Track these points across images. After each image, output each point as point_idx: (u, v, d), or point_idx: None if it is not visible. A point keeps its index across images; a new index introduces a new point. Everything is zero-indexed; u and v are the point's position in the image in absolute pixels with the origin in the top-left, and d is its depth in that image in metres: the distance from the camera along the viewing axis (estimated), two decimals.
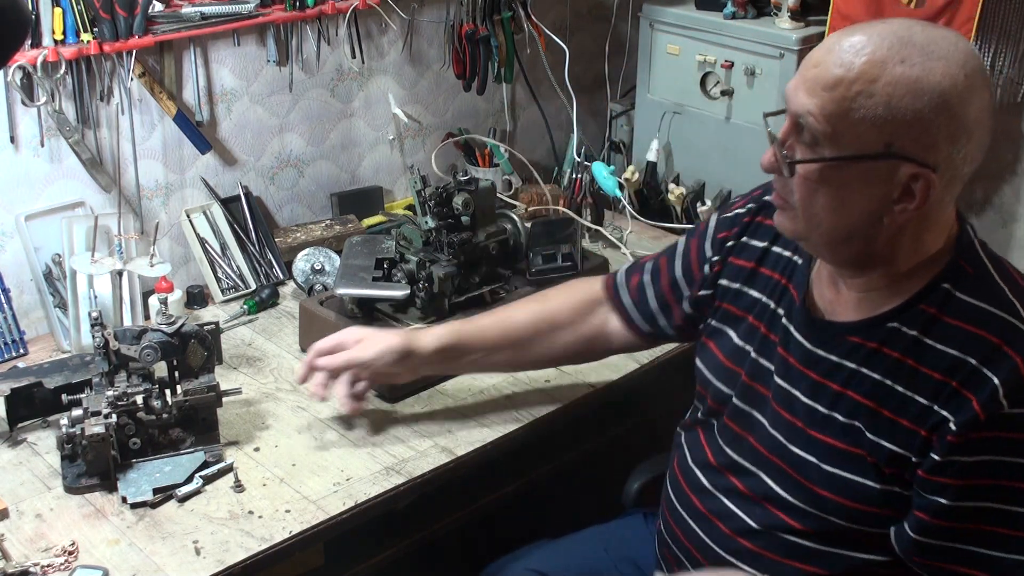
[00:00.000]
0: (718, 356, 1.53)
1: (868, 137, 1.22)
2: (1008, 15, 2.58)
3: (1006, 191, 2.77)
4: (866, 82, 1.20)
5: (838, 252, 1.33)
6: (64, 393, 1.73)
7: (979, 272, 1.30)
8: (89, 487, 1.65)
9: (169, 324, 1.70)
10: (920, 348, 1.29)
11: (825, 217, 1.28)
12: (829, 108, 1.22)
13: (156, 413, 1.70)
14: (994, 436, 1.23)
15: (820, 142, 1.24)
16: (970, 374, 1.24)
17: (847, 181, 1.25)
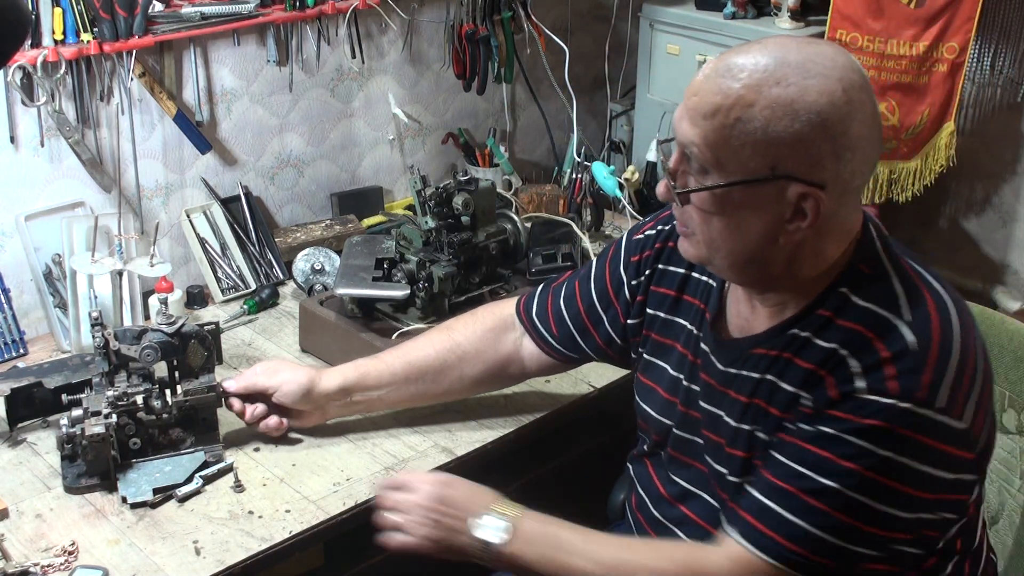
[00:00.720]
0: (656, 390, 1.54)
1: (752, 162, 1.23)
2: (1008, 15, 2.58)
3: (1006, 191, 2.77)
4: (743, 107, 1.21)
5: (742, 274, 1.34)
6: (64, 393, 1.73)
7: (876, 273, 1.30)
8: (89, 487, 1.64)
9: (169, 324, 1.70)
10: (807, 346, 1.30)
11: (723, 242, 1.29)
12: (711, 137, 1.23)
13: (156, 413, 1.70)
14: (840, 416, 1.24)
15: (708, 170, 1.25)
16: (837, 363, 1.26)
17: (739, 206, 1.26)
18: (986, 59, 2.63)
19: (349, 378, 1.74)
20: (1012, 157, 2.74)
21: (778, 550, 1.27)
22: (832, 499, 1.24)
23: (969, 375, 1.25)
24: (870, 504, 1.24)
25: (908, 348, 1.23)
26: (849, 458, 1.23)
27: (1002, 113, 2.69)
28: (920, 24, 2.44)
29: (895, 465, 1.22)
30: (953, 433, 1.23)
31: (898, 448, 1.22)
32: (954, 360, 1.23)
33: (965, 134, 2.68)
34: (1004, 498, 1.63)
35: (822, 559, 1.26)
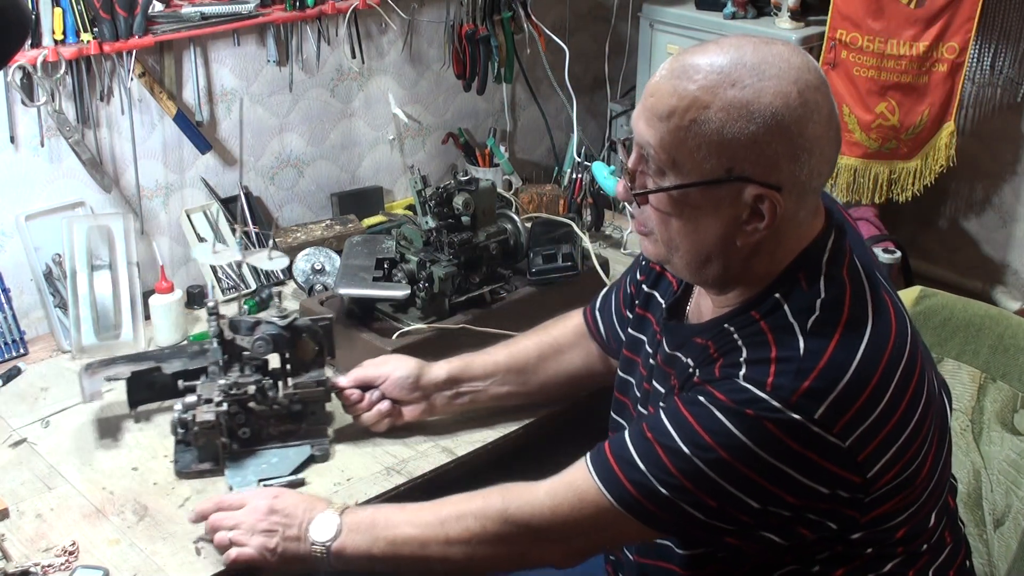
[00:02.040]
0: (636, 361, 1.55)
1: (708, 163, 1.23)
2: (1008, 15, 2.59)
3: (1006, 191, 2.78)
4: (699, 109, 1.22)
5: (699, 274, 1.35)
6: (181, 379, 1.77)
7: (809, 284, 1.30)
8: (199, 472, 1.67)
9: (282, 317, 1.72)
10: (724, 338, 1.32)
11: (681, 242, 1.31)
12: (667, 139, 1.24)
13: (266, 404, 1.73)
14: (717, 394, 1.25)
15: (664, 171, 1.26)
16: (730, 348, 1.29)
17: (696, 206, 1.27)
18: (986, 59, 2.63)
19: (455, 368, 1.77)
20: (1012, 157, 2.74)
21: (615, 485, 1.31)
22: (682, 463, 1.27)
23: (864, 401, 1.23)
24: (718, 481, 1.26)
25: (795, 355, 1.24)
26: (710, 432, 1.25)
27: (1002, 113, 2.69)
28: (920, 24, 2.44)
29: (754, 456, 1.23)
30: (827, 446, 1.23)
31: (761, 442, 1.23)
32: (846, 380, 1.22)
33: (965, 134, 2.69)
34: (1011, 500, 1.63)
35: (654, 508, 1.29)
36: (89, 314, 2.01)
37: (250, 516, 1.48)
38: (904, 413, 1.27)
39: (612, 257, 2.37)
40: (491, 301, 2.03)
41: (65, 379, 1.96)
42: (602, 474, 1.33)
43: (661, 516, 1.30)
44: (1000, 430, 1.65)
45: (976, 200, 2.83)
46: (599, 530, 1.35)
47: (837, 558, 1.34)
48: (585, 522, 1.34)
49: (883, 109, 2.54)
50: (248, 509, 1.50)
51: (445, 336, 1.93)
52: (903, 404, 1.27)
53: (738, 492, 1.26)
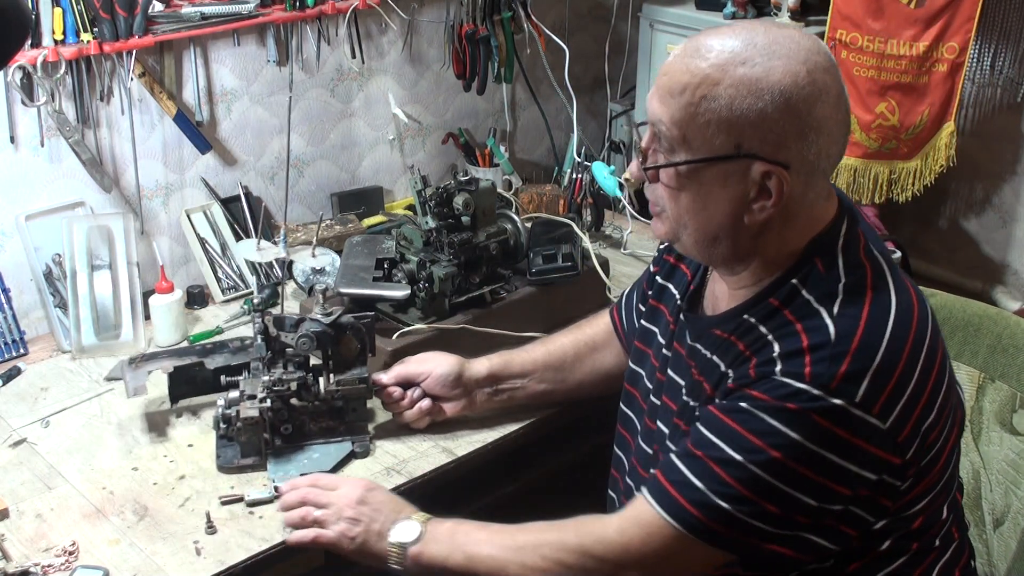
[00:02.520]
0: (647, 353, 1.58)
1: (717, 139, 1.26)
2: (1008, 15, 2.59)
3: (1006, 191, 2.78)
4: (709, 86, 1.25)
5: (707, 252, 1.36)
6: (223, 375, 1.78)
7: (827, 269, 1.32)
8: (241, 468, 1.69)
9: (326, 315, 1.73)
10: (750, 332, 1.33)
11: (691, 219, 1.32)
12: (678, 115, 1.27)
13: (309, 400, 1.74)
14: (758, 395, 1.26)
15: (675, 148, 1.29)
16: (762, 346, 1.29)
17: (705, 183, 1.29)
18: (986, 59, 2.63)
19: (495, 365, 1.79)
20: (1012, 157, 2.74)
21: (677, 509, 1.30)
22: (737, 471, 1.27)
23: (898, 377, 1.25)
24: (775, 484, 1.26)
25: (827, 340, 1.25)
26: (759, 435, 1.25)
27: (1002, 113, 2.69)
28: (920, 24, 2.44)
29: (805, 451, 1.24)
30: (872, 430, 1.24)
31: (810, 435, 1.24)
32: (879, 359, 1.24)
33: (965, 134, 2.69)
34: (1010, 500, 1.63)
35: (718, 526, 1.29)
36: (89, 314, 2.02)
37: (340, 500, 1.50)
38: (932, 390, 1.30)
39: (612, 257, 2.37)
40: (491, 301, 2.03)
41: (65, 379, 1.96)
42: (662, 501, 1.32)
43: (725, 534, 1.29)
44: (999, 430, 1.65)
45: (976, 200, 2.83)
46: (670, 559, 1.33)
47: (852, 553, 1.34)
48: (656, 554, 1.33)
49: (883, 109, 2.54)
50: (340, 494, 1.51)
51: (445, 336, 1.93)
52: (931, 381, 1.29)
53: (794, 491, 1.26)
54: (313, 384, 1.75)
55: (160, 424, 1.82)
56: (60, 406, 1.87)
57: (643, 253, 2.46)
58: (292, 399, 1.73)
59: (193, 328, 2.13)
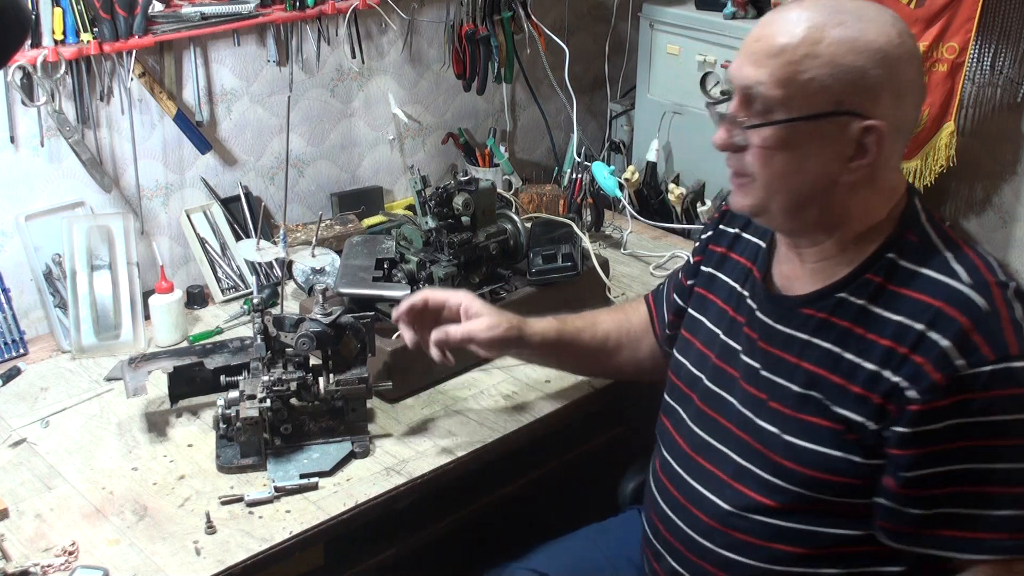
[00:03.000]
0: (693, 342, 1.58)
1: (818, 97, 1.27)
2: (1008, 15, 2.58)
3: (1006, 191, 2.77)
4: (810, 45, 1.27)
5: (796, 219, 1.36)
6: (223, 375, 1.78)
7: (923, 241, 1.33)
8: (241, 468, 1.69)
9: (326, 315, 1.73)
10: (867, 316, 1.32)
11: (783, 183, 1.32)
12: (778, 74, 1.28)
13: (308, 400, 1.74)
14: (959, 400, 1.25)
15: (773, 108, 1.29)
16: (918, 339, 1.27)
17: (802, 143, 1.30)
18: (986, 59, 2.63)
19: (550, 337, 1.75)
20: (1012, 157, 2.74)
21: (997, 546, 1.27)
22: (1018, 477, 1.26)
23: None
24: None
25: (982, 312, 1.26)
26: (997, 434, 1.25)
27: (1002, 113, 2.69)
28: (920, 24, 2.44)
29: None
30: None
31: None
32: (1019, 309, 1.27)
33: (965, 134, 2.68)
34: None
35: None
36: (89, 314, 2.02)
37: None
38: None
39: (612, 257, 2.37)
40: (491, 301, 2.02)
41: (65, 379, 1.96)
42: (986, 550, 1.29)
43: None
44: None
45: (976, 200, 2.82)
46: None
47: None
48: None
49: None
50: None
51: None
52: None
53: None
54: (313, 384, 1.76)
55: (160, 424, 1.82)
56: (60, 406, 1.87)
57: (643, 253, 2.46)
58: (292, 399, 1.73)
59: (193, 328, 2.13)
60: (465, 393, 1.91)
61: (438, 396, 1.91)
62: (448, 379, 1.94)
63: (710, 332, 1.54)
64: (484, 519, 1.94)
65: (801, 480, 1.36)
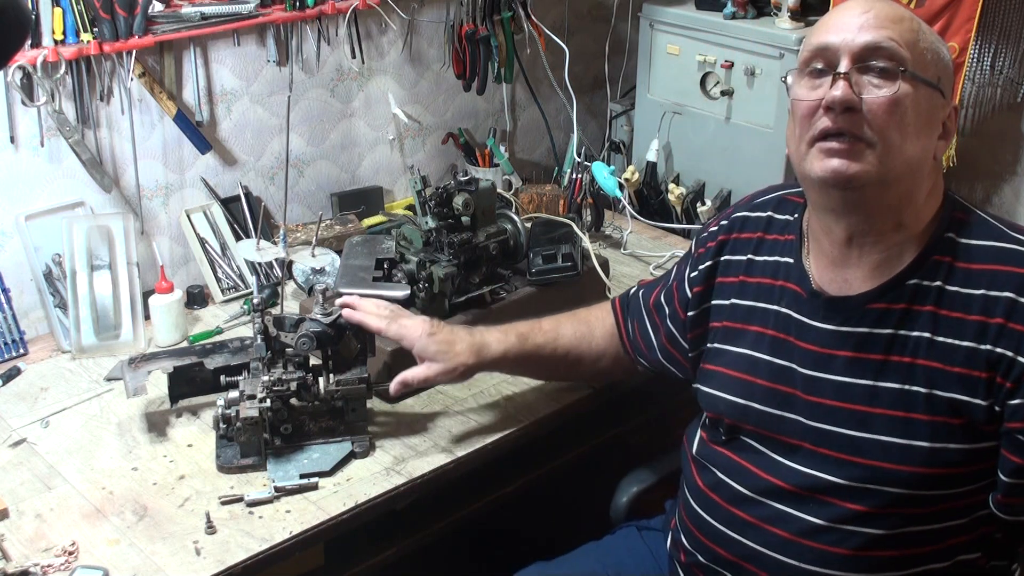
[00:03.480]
0: (726, 373, 1.53)
1: (930, 69, 1.32)
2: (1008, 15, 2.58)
3: (1006, 191, 2.77)
4: (919, 21, 1.34)
5: (889, 192, 1.34)
6: (223, 375, 1.78)
7: (972, 218, 1.37)
8: (241, 468, 1.69)
9: (326, 315, 1.73)
10: (947, 296, 1.33)
11: (905, 145, 1.31)
12: (905, 36, 1.31)
13: (308, 401, 1.75)
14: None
15: (906, 67, 1.29)
16: (1010, 308, 1.29)
17: (924, 107, 1.32)
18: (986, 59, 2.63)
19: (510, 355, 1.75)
20: (1012, 157, 2.74)
21: None
22: None
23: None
24: None
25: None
26: None
27: (1002, 113, 2.69)
28: None
29: None
30: None
31: None
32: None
33: (965, 134, 2.68)
34: None
35: None
36: (89, 314, 2.02)
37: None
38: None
39: (612, 257, 2.37)
40: (491, 301, 2.03)
41: (65, 379, 1.96)
42: None
43: None
44: None
45: (976, 200, 2.82)
46: None
47: None
48: None
49: None
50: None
51: None
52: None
53: None
54: (313, 384, 1.76)
55: (160, 424, 1.82)
56: (60, 406, 1.87)
57: (643, 253, 2.46)
58: (292, 399, 1.73)
59: (193, 328, 2.14)
60: (465, 393, 1.91)
61: (438, 396, 1.91)
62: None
63: (748, 358, 1.49)
64: (484, 519, 1.94)
65: (900, 480, 1.35)
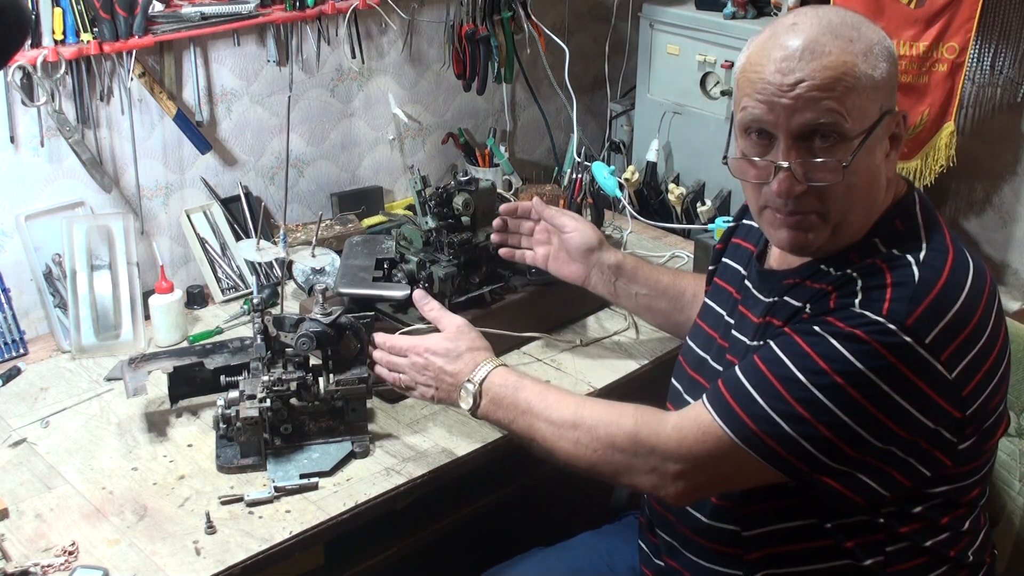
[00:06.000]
0: (702, 327, 1.61)
1: (870, 109, 1.31)
2: (1008, 15, 2.58)
3: (1006, 191, 2.77)
4: (849, 68, 1.29)
5: (862, 226, 1.37)
6: (223, 375, 1.78)
7: (907, 228, 1.37)
8: (241, 468, 1.69)
9: (326, 315, 1.73)
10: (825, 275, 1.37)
11: (861, 198, 1.34)
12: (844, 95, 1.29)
13: (308, 400, 1.75)
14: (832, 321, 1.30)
15: (848, 133, 1.30)
16: (845, 282, 1.33)
17: (868, 154, 1.32)
18: (986, 59, 2.63)
19: (626, 263, 1.88)
20: (1012, 157, 2.74)
21: (735, 420, 1.34)
22: (799, 391, 1.30)
23: (969, 332, 1.29)
24: (833, 409, 1.28)
25: (911, 280, 1.29)
26: (826, 359, 1.28)
27: (1002, 113, 2.69)
28: (920, 24, 2.44)
29: (867, 382, 1.27)
30: (936, 376, 1.27)
31: (874, 367, 1.26)
32: (955, 308, 1.28)
33: (965, 134, 2.68)
34: (1004, 500, 1.64)
35: (772, 442, 1.31)
36: (89, 314, 2.02)
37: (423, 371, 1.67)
38: (998, 355, 1.34)
39: None
40: (491, 301, 2.03)
41: (65, 379, 1.96)
42: (720, 410, 1.36)
43: (778, 451, 1.32)
44: None
45: (976, 200, 2.83)
46: (718, 465, 1.37)
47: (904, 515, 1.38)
48: (706, 456, 1.37)
49: None
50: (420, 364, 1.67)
51: None
52: (998, 345, 1.34)
53: (850, 421, 1.28)
54: (313, 384, 1.76)
55: (160, 424, 1.82)
56: (60, 406, 1.87)
57: (643, 253, 2.46)
58: (292, 399, 1.73)
59: (193, 328, 2.14)
60: None
61: None
62: None
63: (718, 315, 1.58)
64: (484, 519, 1.94)
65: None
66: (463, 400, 1.61)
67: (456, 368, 1.63)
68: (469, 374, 1.61)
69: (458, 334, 1.67)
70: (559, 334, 2.09)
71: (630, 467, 1.43)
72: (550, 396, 1.54)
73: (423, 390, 1.67)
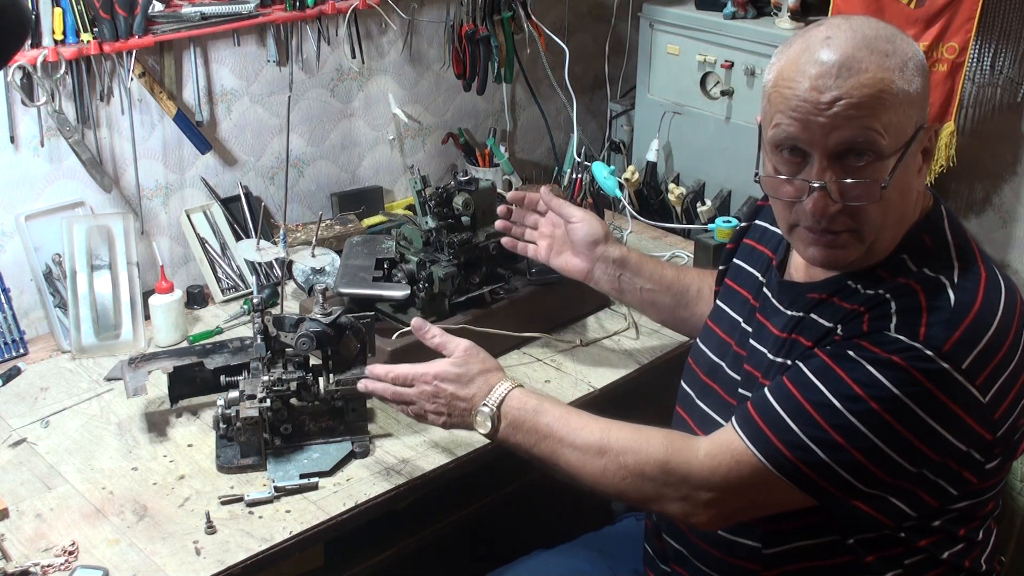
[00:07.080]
0: (716, 331, 1.59)
1: (907, 125, 1.28)
2: (1008, 15, 2.58)
3: (1006, 191, 2.77)
4: (886, 85, 1.25)
5: (894, 240, 1.35)
6: (223, 375, 1.78)
7: (937, 246, 1.35)
8: (241, 468, 1.69)
9: (325, 315, 1.73)
10: (854, 293, 1.35)
11: (894, 214, 1.32)
12: (881, 112, 1.25)
13: (308, 400, 1.75)
14: (867, 346, 1.27)
15: (885, 152, 1.27)
16: (878, 303, 1.30)
17: (904, 170, 1.30)
18: (986, 59, 2.63)
19: (630, 257, 1.85)
20: (1012, 157, 2.74)
21: (768, 446, 1.31)
22: (834, 417, 1.28)
23: (1003, 355, 1.27)
24: (868, 435, 1.27)
25: (947, 304, 1.26)
26: (861, 385, 1.26)
27: (1002, 113, 2.69)
28: (920, 24, 2.44)
29: (903, 408, 1.25)
30: (970, 400, 1.26)
31: (911, 393, 1.25)
32: (991, 332, 1.26)
33: (965, 134, 2.68)
34: (1005, 500, 1.63)
35: (807, 469, 1.29)
36: (89, 314, 2.02)
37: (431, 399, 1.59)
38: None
39: None
40: (491, 301, 2.03)
41: (65, 379, 1.96)
42: (753, 437, 1.33)
43: (812, 478, 1.30)
44: None
45: (976, 200, 2.83)
46: (751, 492, 1.35)
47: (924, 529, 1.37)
48: (740, 484, 1.35)
49: None
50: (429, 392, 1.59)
51: None
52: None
53: (886, 447, 1.27)
54: (313, 384, 1.76)
55: (160, 424, 1.82)
56: (60, 406, 1.87)
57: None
58: (292, 399, 1.73)
59: (193, 328, 2.14)
60: None
61: None
62: None
63: (731, 319, 1.56)
64: (484, 519, 1.94)
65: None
66: (480, 425, 1.55)
67: (469, 392, 1.57)
68: (484, 397, 1.56)
69: (467, 357, 1.59)
70: (559, 334, 2.09)
71: (660, 495, 1.40)
72: (573, 420, 1.49)
73: (434, 418, 1.60)
